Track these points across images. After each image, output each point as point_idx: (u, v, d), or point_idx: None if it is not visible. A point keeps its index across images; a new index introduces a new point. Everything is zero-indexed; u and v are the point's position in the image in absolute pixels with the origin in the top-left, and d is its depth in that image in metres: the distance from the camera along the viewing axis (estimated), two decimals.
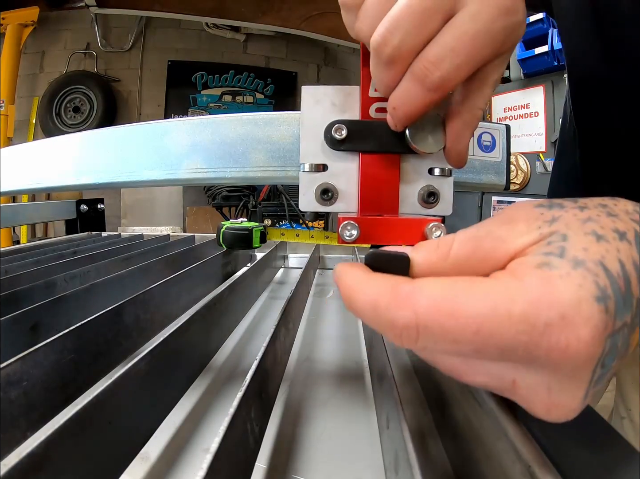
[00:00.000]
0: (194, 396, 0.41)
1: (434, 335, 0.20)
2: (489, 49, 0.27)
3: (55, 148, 0.45)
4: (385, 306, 0.21)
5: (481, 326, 0.19)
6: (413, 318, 0.20)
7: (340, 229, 0.30)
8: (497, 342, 0.19)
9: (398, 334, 0.21)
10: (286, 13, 3.81)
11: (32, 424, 0.29)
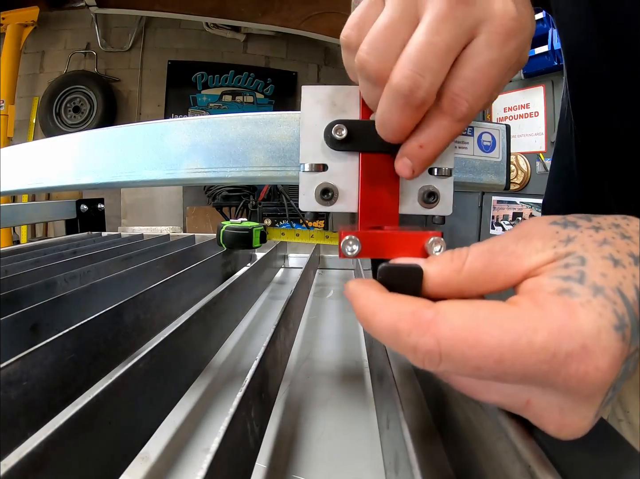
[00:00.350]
0: (194, 396, 0.41)
1: (456, 362, 0.20)
2: (505, 70, 0.27)
3: (55, 148, 0.45)
4: (407, 332, 0.21)
5: (503, 356, 0.19)
6: (436, 346, 0.20)
7: (342, 244, 0.30)
8: (517, 371, 0.20)
9: (420, 359, 0.21)
10: (286, 13, 3.81)
11: (32, 424, 0.29)
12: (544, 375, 0.19)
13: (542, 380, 0.20)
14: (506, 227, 3.02)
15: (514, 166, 2.84)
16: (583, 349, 0.19)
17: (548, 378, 0.19)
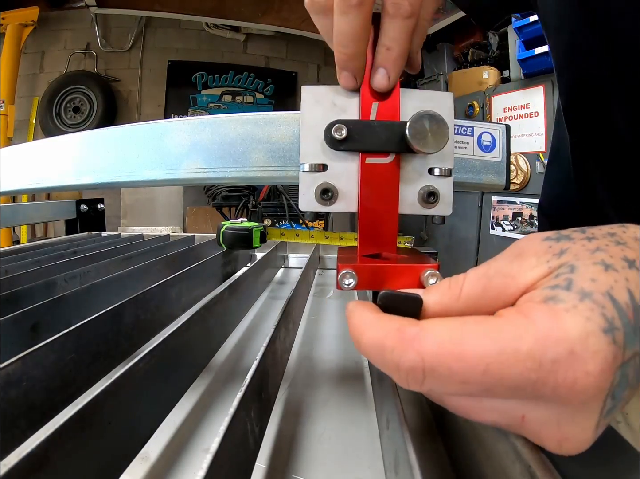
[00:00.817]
0: (194, 396, 0.41)
1: (441, 377, 0.20)
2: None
3: (55, 148, 0.45)
4: (390, 348, 0.21)
5: (489, 366, 0.19)
6: (419, 361, 0.20)
7: (339, 277, 0.31)
8: (505, 382, 0.19)
9: (404, 378, 0.21)
10: (286, 13, 3.81)
11: (32, 424, 0.29)
12: (532, 385, 0.19)
13: (532, 391, 0.19)
14: (506, 227, 3.02)
15: (514, 166, 2.84)
16: (570, 354, 0.19)
17: (537, 388, 0.19)
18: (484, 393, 0.20)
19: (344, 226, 3.75)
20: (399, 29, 0.31)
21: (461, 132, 0.38)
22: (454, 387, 0.20)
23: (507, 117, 2.94)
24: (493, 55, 3.15)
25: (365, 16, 0.30)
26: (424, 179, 0.34)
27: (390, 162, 0.33)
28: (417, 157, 0.33)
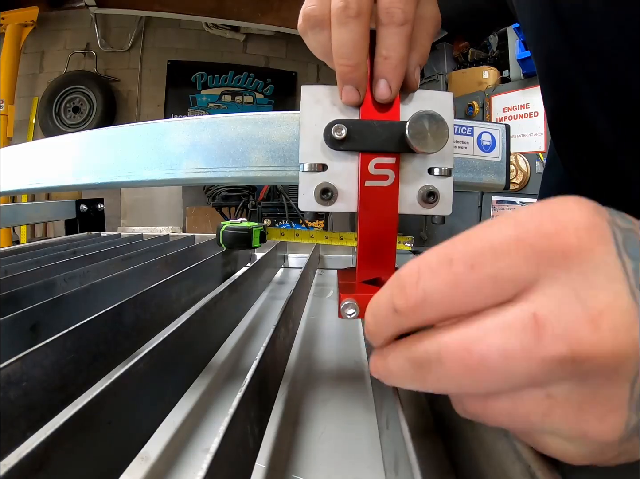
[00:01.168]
0: (194, 396, 0.41)
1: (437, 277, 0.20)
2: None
3: (54, 148, 0.45)
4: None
5: (474, 263, 0.19)
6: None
7: (341, 307, 0.31)
8: (497, 260, 0.19)
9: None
10: (286, 13, 3.81)
11: (32, 424, 0.29)
12: (523, 253, 0.18)
13: (528, 263, 0.18)
14: None
15: (514, 165, 2.84)
16: (541, 205, 0.19)
17: (528, 256, 0.18)
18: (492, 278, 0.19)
19: (344, 225, 3.75)
20: (395, 37, 0.31)
21: (461, 132, 0.38)
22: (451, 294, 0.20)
23: (506, 117, 2.94)
24: (493, 55, 3.15)
25: (365, 26, 0.31)
26: (423, 179, 0.34)
27: (389, 185, 0.33)
28: (417, 157, 0.34)
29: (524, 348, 0.18)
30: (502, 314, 0.19)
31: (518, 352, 0.18)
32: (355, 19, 0.30)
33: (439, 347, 0.20)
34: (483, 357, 0.18)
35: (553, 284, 0.18)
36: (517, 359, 0.18)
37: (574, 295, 0.18)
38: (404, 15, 0.30)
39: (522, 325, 0.18)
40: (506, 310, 0.19)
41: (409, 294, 0.20)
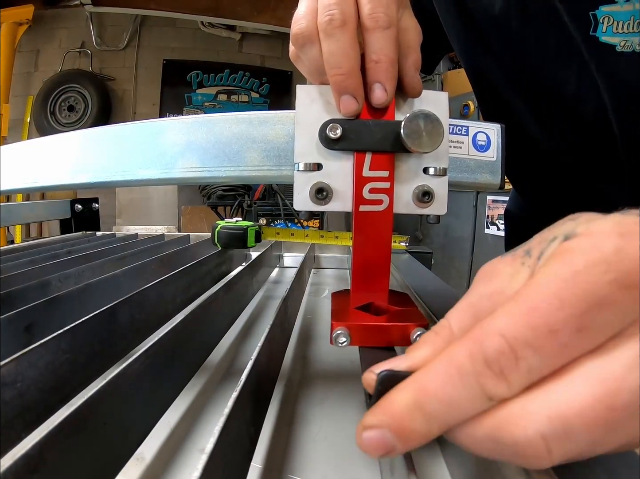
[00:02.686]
0: (189, 396, 0.41)
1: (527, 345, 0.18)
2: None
3: (49, 147, 0.44)
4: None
5: (561, 296, 0.18)
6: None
7: (333, 336, 0.32)
8: (585, 298, 0.17)
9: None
10: (282, 12, 3.81)
11: (26, 425, 0.29)
12: (609, 280, 0.17)
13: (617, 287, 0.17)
14: (501, 226, 3.02)
15: None
16: (620, 236, 0.18)
17: (615, 277, 0.17)
18: (584, 322, 0.18)
19: (339, 225, 3.75)
20: (382, 40, 0.31)
21: (456, 131, 0.38)
22: (546, 341, 0.18)
23: None
24: None
25: (351, 34, 0.31)
26: (419, 179, 0.34)
27: (384, 209, 0.33)
28: (412, 157, 0.34)
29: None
30: (618, 356, 0.18)
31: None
32: (341, 28, 0.31)
33: (569, 417, 0.17)
34: (626, 405, 0.17)
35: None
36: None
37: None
38: (388, 18, 0.31)
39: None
40: (620, 351, 0.18)
41: (511, 380, 0.18)
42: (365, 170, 0.33)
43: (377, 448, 0.20)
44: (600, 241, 0.18)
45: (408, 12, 0.36)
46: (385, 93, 0.32)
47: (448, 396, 0.19)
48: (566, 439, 0.17)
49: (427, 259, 1.03)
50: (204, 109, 4.29)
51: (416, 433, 0.19)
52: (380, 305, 0.36)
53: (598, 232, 0.19)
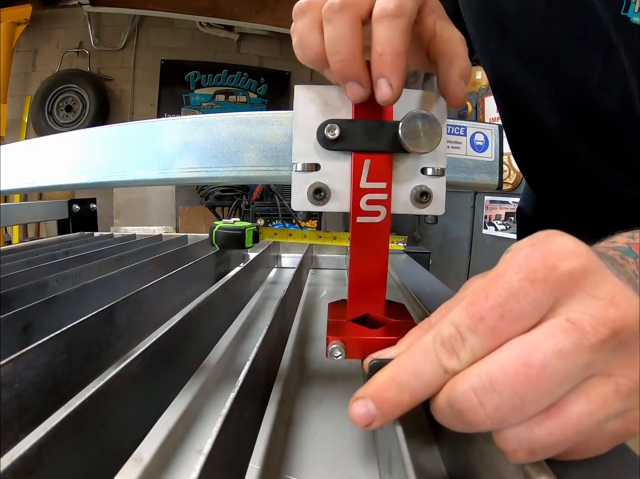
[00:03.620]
0: (187, 397, 0.41)
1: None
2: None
3: (47, 147, 0.44)
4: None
5: (495, 297, 0.22)
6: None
7: (328, 349, 0.33)
8: (515, 288, 0.22)
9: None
10: (280, 12, 3.81)
11: (24, 426, 0.29)
12: (533, 276, 0.22)
13: (541, 287, 0.22)
14: (498, 226, 3.03)
15: (507, 165, 2.85)
16: (531, 246, 0.23)
17: (535, 273, 0.22)
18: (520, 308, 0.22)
19: (337, 225, 3.75)
20: (388, 30, 0.29)
21: (454, 132, 0.38)
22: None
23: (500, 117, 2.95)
24: None
25: (350, 19, 0.30)
26: (416, 179, 0.34)
27: (381, 221, 0.33)
28: (410, 157, 0.34)
29: (573, 343, 0.20)
30: (539, 330, 0.22)
31: (570, 348, 0.20)
32: (338, 12, 0.30)
33: (493, 374, 0.21)
34: (542, 364, 0.21)
35: (569, 298, 0.22)
36: (571, 354, 0.20)
37: (588, 295, 0.22)
38: (397, 7, 0.29)
39: (562, 329, 0.21)
40: (541, 327, 0.22)
41: (460, 355, 0.23)
42: (362, 182, 0.33)
43: (362, 418, 0.25)
44: (517, 251, 0.23)
45: (448, 24, 0.34)
46: (391, 89, 0.30)
47: (415, 368, 0.24)
48: (492, 390, 0.21)
49: (425, 259, 1.03)
50: (202, 110, 4.29)
51: (391, 401, 0.24)
52: (377, 317, 0.36)
53: (518, 245, 0.24)
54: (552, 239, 0.23)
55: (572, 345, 0.20)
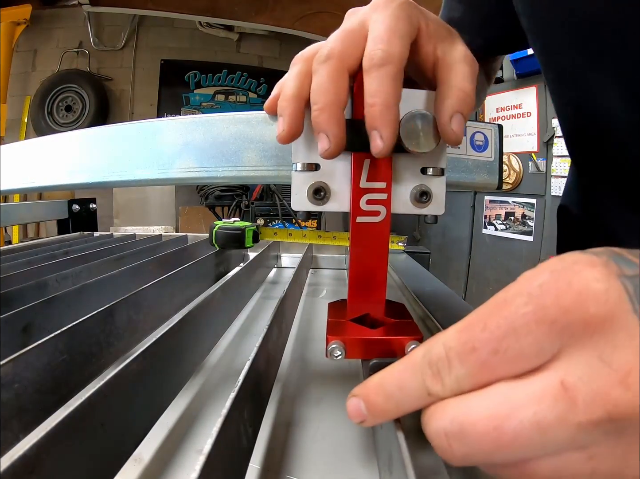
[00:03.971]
0: (187, 397, 0.41)
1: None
2: (401, 19, 0.30)
3: (47, 147, 0.44)
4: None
5: (486, 323, 0.20)
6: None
7: (328, 349, 0.32)
8: (506, 328, 0.19)
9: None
10: (280, 12, 3.81)
11: (24, 426, 0.29)
12: (534, 318, 0.19)
13: (538, 329, 0.19)
14: (498, 226, 3.03)
15: (507, 165, 2.85)
16: (553, 272, 0.20)
17: (539, 320, 0.19)
18: (501, 361, 0.20)
19: (337, 225, 3.75)
20: (376, 80, 0.28)
21: None
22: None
23: (499, 117, 2.95)
24: None
25: (334, 70, 0.30)
26: (416, 179, 0.34)
27: (381, 221, 0.33)
28: (410, 157, 0.34)
29: (558, 417, 0.18)
30: (529, 386, 0.19)
31: (552, 421, 0.18)
32: (324, 63, 0.30)
33: (466, 425, 0.20)
34: (516, 434, 0.19)
35: (577, 352, 0.19)
36: (552, 428, 0.18)
37: (599, 359, 0.18)
38: (385, 54, 0.28)
39: (552, 395, 0.18)
40: (532, 381, 0.19)
41: (444, 380, 0.21)
42: (362, 181, 0.33)
43: (355, 415, 0.24)
44: (535, 274, 0.20)
45: (449, 46, 0.32)
46: (382, 141, 0.29)
47: (400, 381, 0.23)
48: (462, 441, 0.20)
49: (425, 259, 1.03)
50: (202, 109, 4.29)
51: (378, 407, 0.23)
52: (377, 317, 0.36)
53: (540, 266, 0.20)
54: (578, 271, 0.19)
55: (556, 419, 0.18)
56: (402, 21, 0.30)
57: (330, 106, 0.29)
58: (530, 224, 2.83)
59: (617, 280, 0.19)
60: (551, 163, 2.66)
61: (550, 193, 2.70)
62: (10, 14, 3.55)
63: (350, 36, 0.31)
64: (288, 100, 0.31)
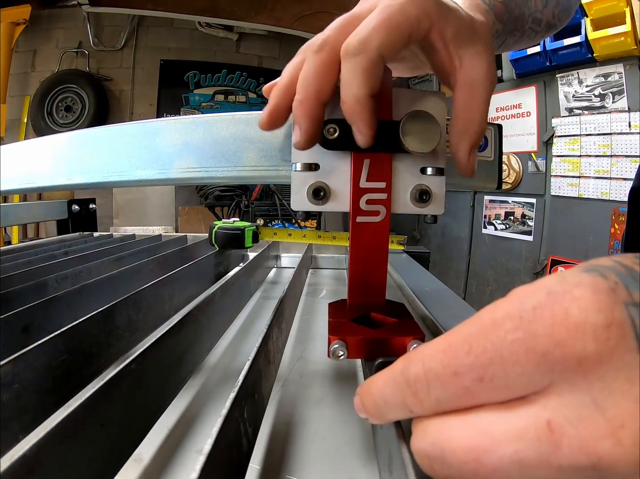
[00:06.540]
0: (187, 397, 0.41)
1: (435, 375, 0.19)
2: (404, 21, 0.29)
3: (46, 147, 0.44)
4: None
5: (471, 344, 0.18)
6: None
7: (331, 349, 0.32)
8: (492, 354, 0.18)
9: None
10: (279, 12, 3.81)
11: (24, 426, 0.29)
12: (523, 346, 0.17)
13: (526, 355, 0.17)
14: (498, 226, 3.03)
15: (506, 165, 2.85)
16: (549, 294, 0.17)
17: (529, 348, 0.17)
18: (484, 384, 0.18)
19: (337, 225, 3.75)
20: (348, 71, 0.28)
21: None
22: (454, 385, 0.19)
23: (499, 117, 2.95)
24: None
25: (321, 61, 0.30)
26: (416, 179, 0.34)
27: (380, 220, 0.33)
28: (410, 157, 0.34)
29: (539, 458, 0.17)
30: (513, 418, 0.18)
31: (533, 461, 0.17)
32: (313, 53, 0.30)
33: (447, 452, 0.19)
34: (495, 469, 0.18)
35: (568, 390, 0.17)
36: (533, 468, 0.17)
37: (592, 403, 0.16)
38: (358, 43, 0.28)
39: (537, 434, 0.17)
40: (517, 414, 0.18)
41: (423, 401, 0.20)
42: (362, 181, 0.33)
43: (359, 411, 0.24)
44: (530, 292, 0.18)
45: (475, 57, 0.31)
46: (361, 135, 0.30)
47: (384, 395, 0.22)
48: (443, 465, 0.19)
49: (424, 259, 1.03)
50: (201, 110, 4.29)
51: (370, 411, 0.23)
52: (377, 317, 0.36)
53: (537, 283, 0.18)
54: (579, 297, 0.17)
55: (537, 460, 0.17)
56: (401, 14, 0.29)
57: (308, 100, 0.30)
58: (530, 223, 2.83)
59: (623, 311, 0.16)
60: (551, 163, 2.66)
61: (549, 193, 2.69)
62: (9, 14, 3.54)
63: (350, 23, 0.30)
64: (280, 89, 0.32)
